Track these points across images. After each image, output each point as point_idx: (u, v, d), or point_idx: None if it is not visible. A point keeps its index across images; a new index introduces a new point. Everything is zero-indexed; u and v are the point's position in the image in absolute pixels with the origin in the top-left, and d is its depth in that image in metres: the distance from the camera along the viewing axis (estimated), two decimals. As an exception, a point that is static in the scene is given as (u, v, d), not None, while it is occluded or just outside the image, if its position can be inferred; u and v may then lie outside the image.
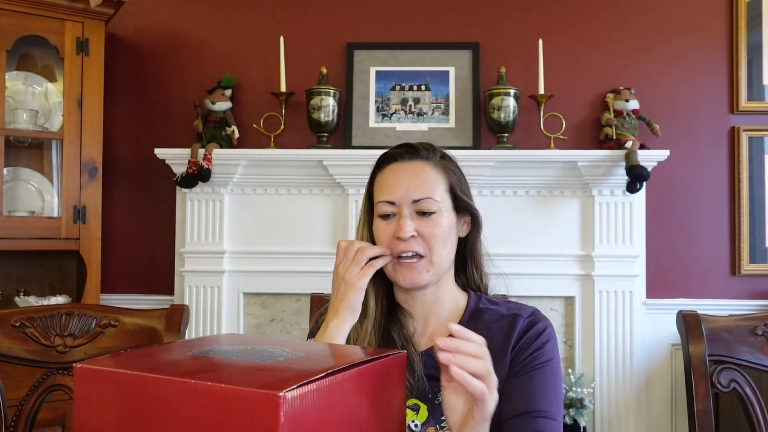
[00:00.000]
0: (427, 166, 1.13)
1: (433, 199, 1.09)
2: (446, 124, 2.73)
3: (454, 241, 1.13)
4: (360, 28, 2.82)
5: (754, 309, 2.65)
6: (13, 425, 1.24)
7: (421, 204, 1.09)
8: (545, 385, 1.06)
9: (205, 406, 0.61)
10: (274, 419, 0.57)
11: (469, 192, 1.17)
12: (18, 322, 1.28)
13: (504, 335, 1.10)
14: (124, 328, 1.31)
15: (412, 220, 1.09)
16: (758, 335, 1.23)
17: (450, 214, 1.12)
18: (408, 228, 1.07)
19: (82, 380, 0.67)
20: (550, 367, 1.08)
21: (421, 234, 1.08)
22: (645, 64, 2.76)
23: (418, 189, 1.10)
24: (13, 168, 2.59)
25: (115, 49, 2.81)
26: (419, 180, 1.11)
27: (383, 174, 1.16)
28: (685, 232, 2.73)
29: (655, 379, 2.69)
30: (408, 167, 1.13)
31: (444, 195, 1.11)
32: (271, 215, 2.70)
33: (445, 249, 1.10)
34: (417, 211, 1.09)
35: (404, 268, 1.09)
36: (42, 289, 2.64)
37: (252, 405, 0.58)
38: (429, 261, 1.09)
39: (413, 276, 1.09)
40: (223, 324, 2.67)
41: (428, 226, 1.09)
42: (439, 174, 1.12)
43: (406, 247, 1.08)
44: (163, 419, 0.63)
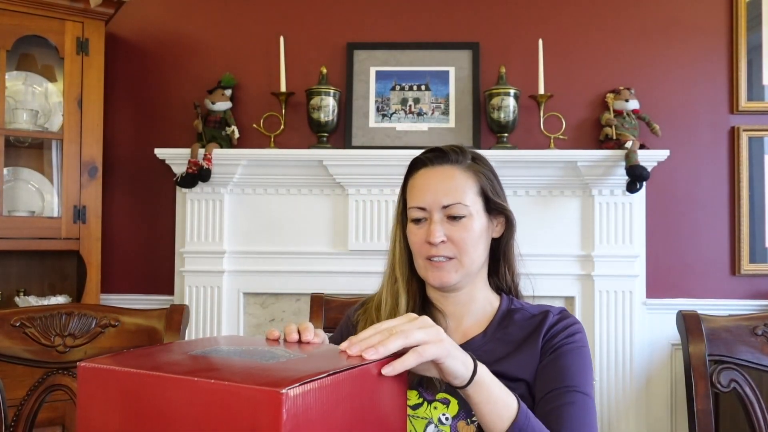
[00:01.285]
0: (456, 170, 1.14)
1: (462, 203, 1.11)
2: (446, 124, 2.73)
3: (486, 243, 1.15)
4: (360, 28, 2.82)
5: (754, 309, 2.65)
6: (13, 425, 1.24)
7: (451, 209, 1.11)
8: (575, 365, 1.07)
9: (208, 404, 0.61)
10: (277, 416, 0.57)
11: (501, 193, 1.18)
12: (18, 322, 1.28)
13: (535, 329, 1.13)
14: (124, 328, 1.31)
15: (442, 225, 1.11)
16: (758, 335, 1.23)
17: (481, 217, 1.14)
18: (437, 234, 1.10)
19: (85, 379, 0.68)
20: (580, 351, 1.10)
21: (450, 238, 1.11)
22: (645, 64, 2.76)
23: (447, 194, 1.12)
24: (13, 168, 2.59)
25: (115, 49, 2.81)
26: (448, 185, 1.12)
27: (414, 179, 1.18)
28: (685, 232, 2.73)
29: (655, 379, 2.69)
30: (438, 172, 1.15)
31: (474, 198, 1.13)
32: (271, 215, 2.70)
33: (476, 251, 1.12)
34: (447, 215, 1.12)
35: (434, 267, 1.12)
36: (42, 289, 2.64)
37: (254, 402, 0.58)
38: (459, 262, 1.11)
39: (442, 276, 1.12)
40: (223, 324, 2.67)
41: (458, 230, 1.11)
42: (469, 178, 1.14)
43: (437, 251, 1.11)
44: (165, 417, 0.63)
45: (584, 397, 1.04)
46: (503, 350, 1.11)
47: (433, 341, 0.81)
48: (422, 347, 0.79)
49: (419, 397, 1.09)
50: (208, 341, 0.83)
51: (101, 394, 0.66)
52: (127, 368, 0.66)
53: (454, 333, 1.16)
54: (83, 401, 0.68)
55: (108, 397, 0.66)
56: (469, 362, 0.87)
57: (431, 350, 0.80)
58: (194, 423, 0.62)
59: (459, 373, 0.85)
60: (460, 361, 0.85)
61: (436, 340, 0.81)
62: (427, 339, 0.80)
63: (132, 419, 0.65)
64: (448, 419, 1.07)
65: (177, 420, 0.62)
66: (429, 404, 1.08)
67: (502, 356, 1.10)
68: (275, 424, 0.57)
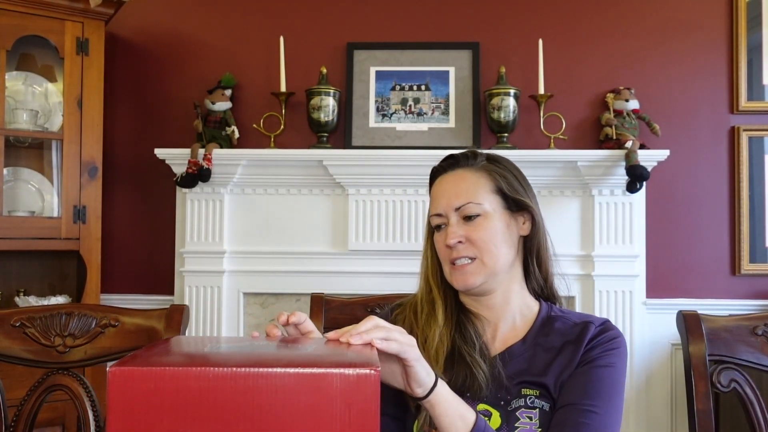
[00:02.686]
0: (467, 172, 1.16)
1: (474, 202, 1.12)
2: (446, 124, 2.73)
3: (510, 241, 1.14)
4: (360, 28, 2.82)
5: (754, 309, 2.65)
6: (13, 425, 1.24)
7: (464, 210, 1.12)
8: (604, 384, 1.06)
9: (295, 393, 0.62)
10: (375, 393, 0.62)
11: (523, 190, 1.19)
12: (18, 322, 1.28)
13: (576, 339, 1.11)
14: (124, 328, 1.31)
15: (459, 227, 1.12)
16: (758, 335, 1.23)
17: (500, 215, 1.13)
18: (453, 236, 1.11)
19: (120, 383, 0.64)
20: (610, 370, 1.08)
21: (468, 238, 1.11)
22: (645, 64, 2.76)
23: (458, 196, 1.13)
24: (13, 168, 2.59)
25: (115, 49, 2.81)
26: (459, 187, 1.14)
27: (432, 189, 1.20)
28: (685, 232, 2.73)
29: (655, 379, 2.69)
30: (450, 178, 1.17)
31: (489, 197, 1.13)
32: (271, 215, 2.70)
33: (498, 250, 1.12)
34: (462, 216, 1.12)
35: (457, 271, 1.12)
36: (42, 289, 2.64)
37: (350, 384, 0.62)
38: (481, 263, 1.11)
39: (465, 278, 1.12)
40: (223, 324, 2.67)
41: (474, 230, 1.11)
42: (481, 177, 1.15)
43: (457, 253, 1.11)
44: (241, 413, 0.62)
45: (597, 417, 1.02)
46: (544, 359, 1.09)
47: (409, 343, 0.87)
48: (398, 346, 0.86)
49: None
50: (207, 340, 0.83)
51: (142, 398, 0.64)
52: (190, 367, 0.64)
53: (492, 340, 1.14)
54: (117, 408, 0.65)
55: (153, 400, 0.64)
56: (432, 373, 0.91)
57: (397, 346, 0.85)
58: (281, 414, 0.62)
59: (423, 381, 0.89)
60: (425, 371, 0.90)
61: (410, 343, 0.87)
62: (404, 340, 0.86)
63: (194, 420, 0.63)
64: None
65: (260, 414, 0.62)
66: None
67: (543, 366, 1.08)
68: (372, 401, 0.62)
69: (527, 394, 1.06)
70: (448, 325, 1.13)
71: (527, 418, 1.05)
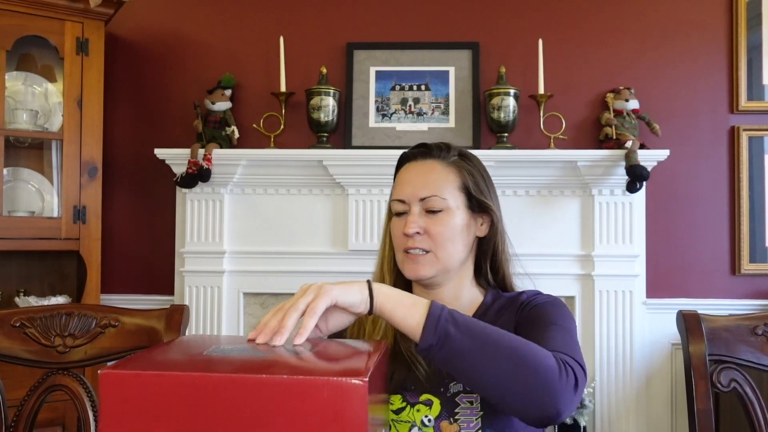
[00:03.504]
0: (438, 164, 1.16)
1: (440, 197, 1.12)
2: (446, 124, 2.73)
3: (467, 239, 1.15)
4: (360, 28, 2.82)
5: (754, 309, 2.65)
6: (13, 425, 1.24)
7: (428, 202, 1.13)
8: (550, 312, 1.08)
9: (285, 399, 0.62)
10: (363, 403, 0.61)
11: (488, 192, 1.18)
12: (18, 322, 1.27)
13: (509, 308, 1.14)
14: (124, 328, 1.31)
15: (420, 218, 1.12)
16: (758, 335, 1.23)
17: (462, 213, 1.14)
18: (413, 225, 1.12)
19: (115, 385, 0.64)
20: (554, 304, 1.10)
21: (427, 231, 1.12)
22: (645, 64, 2.76)
23: (425, 187, 1.13)
24: (13, 168, 2.59)
25: (115, 49, 2.81)
26: (427, 178, 1.14)
27: (399, 174, 1.20)
28: (685, 232, 2.73)
29: (655, 378, 2.69)
30: (419, 166, 1.17)
31: (455, 193, 1.14)
32: (271, 215, 2.70)
33: (453, 247, 1.13)
34: (425, 209, 1.13)
35: (410, 260, 1.13)
36: (42, 289, 2.64)
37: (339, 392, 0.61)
38: (435, 256, 1.12)
39: (417, 268, 1.13)
40: (223, 324, 2.67)
41: (434, 224, 1.12)
42: (451, 172, 1.15)
43: (413, 243, 1.12)
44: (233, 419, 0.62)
45: (556, 327, 1.03)
46: None
47: (318, 296, 0.87)
48: (311, 306, 0.86)
49: (402, 401, 1.09)
50: (208, 340, 0.83)
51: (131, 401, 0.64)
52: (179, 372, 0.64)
53: None
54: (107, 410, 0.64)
55: (142, 404, 0.64)
56: (363, 288, 0.92)
57: (319, 303, 0.86)
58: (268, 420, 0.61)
59: (357, 301, 0.90)
60: (355, 291, 0.90)
61: (319, 294, 0.88)
62: (312, 298, 0.87)
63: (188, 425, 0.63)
64: (431, 420, 1.07)
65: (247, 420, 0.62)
66: (412, 407, 1.08)
67: None
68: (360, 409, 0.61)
69: None
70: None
71: (468, 403, 1.06)
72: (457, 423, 1.05)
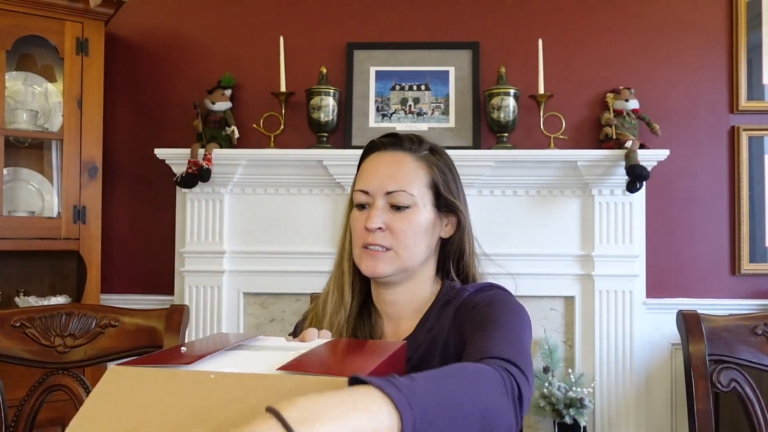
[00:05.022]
0: (407, 158, 1.08)
1: (407, 192, 1.05)
2: (446, 123, 2.73)
3: (430, 240, 1.09)
4: (360, 28, 2.82)
5: (754, 309, 2.65)
6: (13, 425, 1.24)
7: (394, 197, 1.05)
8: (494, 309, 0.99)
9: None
10: None
11: (457, 191, 1.11)
12: (18, 322, 1.28)
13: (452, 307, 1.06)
14: (124, 328, 1.31)
15: (384, 213, 1.05)
16: (758, 335, 1.23)
17: (428, 211, 1.07)
18: (376, 220, 1.04)
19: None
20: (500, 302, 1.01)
21: (390, 228, 1.05)
22: (645, 64, 2.76)
23: (394, 180, 1.06)
24: (13, 168, 2.59)
25: (115, 49, 2.81)
26: (396, 172, 1.07)
27: (365, 163, 1.12)
28: (685, 232, 2.73)
29: (655, 378, 2.69)
30: (389, 157, 1.09)
31: (423, 190, 1.07)
32: (271, 215, 2.70)
33: (416, 246, 1.06)
34: (390, 203, 1.06)
35: (369, 256, 1.06)
36: (42, 289, 2.64)
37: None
38: (395, 254, 1.05)
39: (375, 265, 1.05)
40: (223, 324, 2.67)
41: (398, 221, 1.05)
42: (421, 168, 1.08)
43: (373, 239, 1.05)
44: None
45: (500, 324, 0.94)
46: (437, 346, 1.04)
47: None
48: None
49: None
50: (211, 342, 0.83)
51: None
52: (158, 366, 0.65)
53: (392, 337, 1.10)
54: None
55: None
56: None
57: None
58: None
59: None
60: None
61: None
62: None
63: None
64: None
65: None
66: None
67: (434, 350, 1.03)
68: None
69: None
70: (352, 314, 1.11)
71: None
72: None
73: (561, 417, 2.45)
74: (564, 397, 2.46)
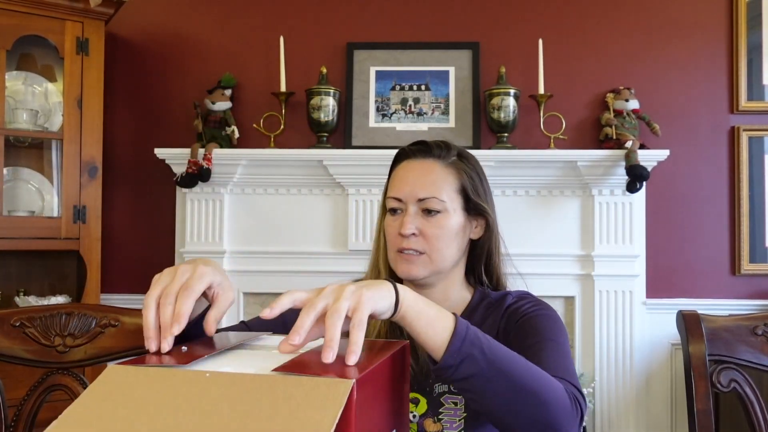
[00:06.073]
0: (437, 165, 1.14)
1: (438, 198, 1.10)
2: (446, 123, 2.73)
3: (461, 242, 1.14)
4: (360, 28, 2.82)
5: (754, 309, 2.65)
6: (13, 425, 1.24)
7: (426, 203, 1.11)
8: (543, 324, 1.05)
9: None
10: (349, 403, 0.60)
11: (485, 195, 1.16)
12: (18, 322, 1.27)
13: (495, 309, 1.12)
14: (124, 328, 1.31)
15: (416, 218, 1.11)
16: (758, 335, 1.23)
17: (459, 215, 1.12)
18: (409, 226, 1.10)
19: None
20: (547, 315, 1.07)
21: (423, 233, 1.10)
22: (645, 64, 2.76)
23: (424, 188, 1.11)
24: (13, 168, 2.59)
25: (115, 49, 2.81)
26: (426, 179, 1.12)
27: (396, 170, 1.18)
28: (685, 232, 2.73)
29: (655, 378, 2.69)
30: (418, 165, 1.15)
31: (453, 195, 1.12)
32: (271, 215, 2.70)
33: (448, 249, 1.11)
34: (422, 209, 1.11)
35: (404, 260, 1.11)
36: (42, 289, 2.64)
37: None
38: (429, 258, 1.11)
39: (410, 269, 1.11)
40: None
41: (431, 226, 1.10)
42: (450, 174, 1.13)
43: (407, 244, 1.10)
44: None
45: (552, 343, 1.01)
46: None
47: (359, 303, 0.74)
48: (356, 317, 0.73)
49: None
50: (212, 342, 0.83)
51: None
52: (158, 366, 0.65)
53: None
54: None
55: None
56: (390, 291, 0.80)
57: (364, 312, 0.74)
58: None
59: (386, 307, 0.78)
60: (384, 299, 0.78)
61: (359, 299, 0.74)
62: (353, 304, 0.74)
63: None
64: (416, 417, 1.08)
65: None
66: None
67: None
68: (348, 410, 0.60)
69: None
70: (386, 322, 1.13)
71: (452, 404, 1.06)
72: (441, 422, 1.06)
73: (561, 417, 2.45)
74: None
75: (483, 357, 0.83)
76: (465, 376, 0.82)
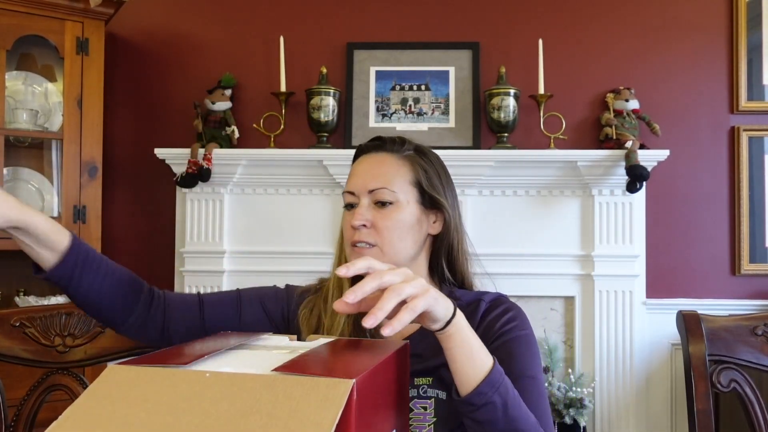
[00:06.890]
0: (390, 157, 1.13)
1: (389, 189, 1.09)
2: (446, 124, 2.73)
3: (417, 236, 1.11)
4: (360, 28, 2.82)
5: (754, 309, 2.65)
6: (13, 425, 1.24)
7: (377, 194, 1.09)
8: (518, 352, 1.05)
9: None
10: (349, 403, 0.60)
11: (443, 188, 1.14)
12: (18, 322, 1.27)
13: (469, 317, 1.08)
14: (124, 328, 1.30)
15: (368, 210, 1.09)
16: (758, 335, 1.23)
17: (413, 208, 1.10)
18: (359, 217, 1.08)
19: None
20: (521, 338, 1.07)
21: (374, 225, 1.08)
22: (645, 64, 2.76)
23: (375, 179, 1.10)
24: (13, 168, 2.59)
25: (115, 49, 2.81)
26: (377, 170, 1.11)
27: (353, 167, 1.17)
28: (685, 232, 2.73)
29: (655, 379, 2.69)
30: (371, 159, 1.14)
31: (406, 187, 1.10)
32: (271, 215, 2.70)
33: (401, 242, 1.09)
34: (374, 201, 1.10)
35: (355, 253, 1.09)
36: (42, 289, 2.64)
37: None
38: (380, 251, 1.08)
39: None
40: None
41: (382, 218, 1.08)
42: (403, 166, 1.12)
43: (359, 236, 1.09)
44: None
45: (532, 381, 1.02)
46: (434, 343, 1.05)
47: (421, 294, 0.80)
48: (413, 302, 0.79)
49: None
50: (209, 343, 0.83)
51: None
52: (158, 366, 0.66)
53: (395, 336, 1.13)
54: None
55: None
56: (450, 307, 0.86)
57: (421, 303, 0.79)
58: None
59: (440, 316, 0.84)
60: (442, 307, 0.84)
61: (423, 291, 0.80)
62: (416, 292, 0.80)
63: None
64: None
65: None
66: None
67: (433, 351, 1.04)
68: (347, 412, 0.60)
69: (419, 384, 1.05)
70: (350, 320, 1.12)
71: (421, 408, 1.04)
72: (410, 427, 1.03)
73: (561, 417, 2.46)
74: (564, 397, 2.47)
75: (504, 410, 0.88)
76: (481, 419, 0.88)
